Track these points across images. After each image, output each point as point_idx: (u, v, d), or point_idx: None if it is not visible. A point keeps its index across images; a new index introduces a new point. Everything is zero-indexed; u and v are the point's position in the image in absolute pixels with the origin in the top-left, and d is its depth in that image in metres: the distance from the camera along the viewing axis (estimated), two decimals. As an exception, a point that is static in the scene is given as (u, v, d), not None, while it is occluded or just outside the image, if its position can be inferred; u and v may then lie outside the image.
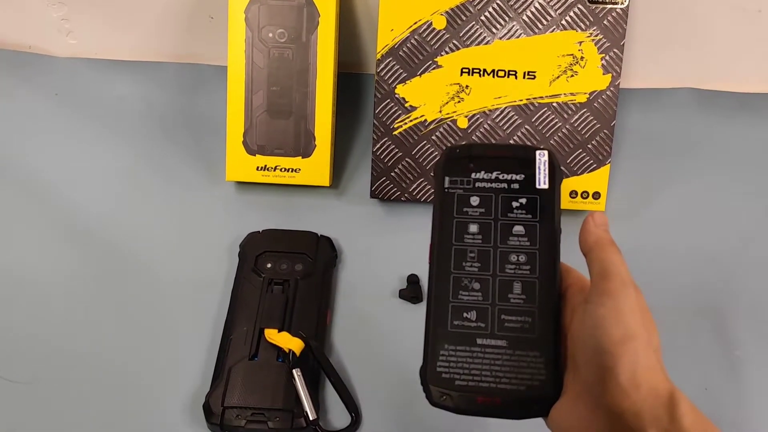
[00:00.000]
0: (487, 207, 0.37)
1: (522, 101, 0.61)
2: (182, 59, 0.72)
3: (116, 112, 0.70)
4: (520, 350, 0.35)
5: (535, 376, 0.34)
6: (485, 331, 0.35)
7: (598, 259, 0.34)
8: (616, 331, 0.31)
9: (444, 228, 0.37)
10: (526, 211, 0.37)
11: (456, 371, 0.35)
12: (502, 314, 0.36)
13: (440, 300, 0.36)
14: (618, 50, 0.60)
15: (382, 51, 0.60)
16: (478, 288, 0.36)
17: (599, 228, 0.35)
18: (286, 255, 0.58)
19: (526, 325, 0.35)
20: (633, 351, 0.31)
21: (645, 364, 0.31)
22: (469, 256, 0.37)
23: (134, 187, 0.65)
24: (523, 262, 0.36)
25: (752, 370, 0.54)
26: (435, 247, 0.37)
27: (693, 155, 0.67)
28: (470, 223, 0.37)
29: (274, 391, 0.51)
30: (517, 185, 0.38)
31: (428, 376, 0.35)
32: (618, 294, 0.32)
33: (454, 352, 0.35)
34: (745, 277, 0.59)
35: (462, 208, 0.38)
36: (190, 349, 0.55)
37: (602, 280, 0.33)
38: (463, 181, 0.38)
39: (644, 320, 0.32)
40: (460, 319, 0.36)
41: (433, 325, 0.36)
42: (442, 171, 0.38)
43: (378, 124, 0.61)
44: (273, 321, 0.54)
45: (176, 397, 0.52)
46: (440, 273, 0.37)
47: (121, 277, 0.59)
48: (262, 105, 0.62)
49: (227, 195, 0.64)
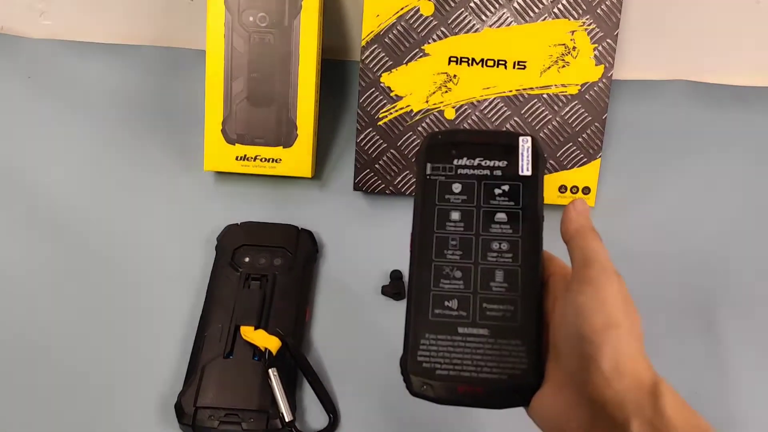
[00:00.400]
0: (470, 194, 0.37)
1: (511, 92, 0.58)
2: (160, 42, 0.70)
3: (91, 97, 0.67)
4: (501, 339, 0.34)
5: (516, 365, 0.34)
6: (467, 319, 0.35)
7: (579, 247, 0.34)
8: (597, 319, 0.31)
9: (425, 215, 0.37)
10: (509, 199, 0.37)
11: (437, 360, 0.34)
12: (483, 303, 0.35)
13: (421, 288, 0.36)
14: (611, 40, 0.57)
15: (367, 38, 0.58)
16: (459, 276, 0.36)
17: (580, 216, 0.35)
18: (265, 249, 0.56)
19: (507, 314, 0.35)
20: (615, 339, 0.30)
21: (627, 352, 0.30)
22: (450, 244, 0.36)
23: (108, 175, 0.62)
24: (506, 250, 0.36)
25: (743, 374, 0.53)
26: (416, 235, 0.37)
27: (686, 149, 0.65)
28: (452, 211, 0.37)
29: (248, 391, 0.49)
30: (500, 172, 0.37)
31: (409, 366, 0.34)
32: (599, 281, 0.32)
33: (435, 341, 0.35)
34: (737, 276, 0.58)
35: (444, 195, 0.37)
36: (164, 346, 0.53)
37: (583, 268, 0.33)
38: (445, 168, 0.37)
39: (626, 308, 0.32)
40: (441, 307, 0.35)
41: (414, 314, 0.35)
42: (424, 157, 0.38)
43: (362, 113, 0.59)
44: (249, 318, 0.52)
45: (148, 396, 0.50)
46: (421, 261, 0.36)
47: (92, 269, 0.57)
48: (242, 92, 0.60)
49: (205, 185, 0.62)
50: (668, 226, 0.60)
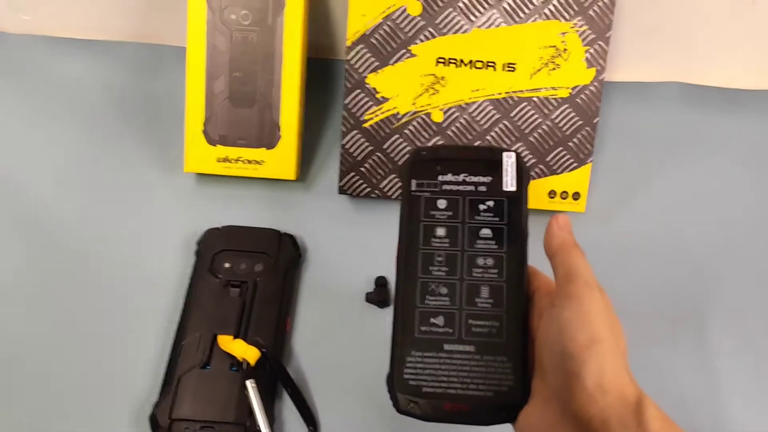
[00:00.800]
0: (455, 210, 0.37)
1: (500, 95, 0.57)
2: (142, 39, 0.68)
3: (70, 95, 0.65)
4: (488, 355, 0.34)
5: (503, 381, 0.34)
6: (453, 336, 0.35)
7: (562, 263, 0.34)
8: (581, 335, 0.31)
9: (411, 232, 0.37)
10: (494, 214, 0.37)
11: (423, 378, 0.34)
12: (469, 319, 0.35)
13: (407, 305, 0.36)
14: (603, 42, 0.56)
15: (352, 37, 0.56)
16: (445, 293, 0.36)
17: (563, 231, 0.35)
18: (246, 254, 0.55)
19: (493, 330, 0.35)
20: (599, 355, 0.30)
21: (611, 368, 0.30)
22: (436, 260, 0.36)
23: (86, 175, 0.61)
24: (491, 266, 0.36)
25: (733, 382, 0.52)
26: (402, 251, 0.37)
27: (679, 153, 0.64)
28: (437, 227, 0.37)
29: (225, 403, 0.47)
30: (485, 188, 0.37)
31: (395, 384, 0.34)
32: (582, 297, 0.32)
33: (421, 359, 0.34)
34: (729, 281, 0.57)
35: (429, 212, 0.37)
36: (140, 354, 0.51)
37: (567, 284, 0.33)
38: (430, 184, 0.38)
39: (610, 323, 0.32)
40: (427, 324, 0.35)
41: (400, 331, 0.35)
42: (409, 173, 0.38)
43: (347, 115, 0.57)
44: (227, 327, 0.50)
45: (122, 407, 0.49)
46: (407, 277, 0.36)
47: (67, 273, 0.55)
48: (224, 92, 0.58)
49: (186, 187, 0.60)
50: (660, 232, 0.59)
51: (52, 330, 0.52)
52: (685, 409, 0.50)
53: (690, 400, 0.51)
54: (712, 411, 0.51)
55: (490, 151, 0.38)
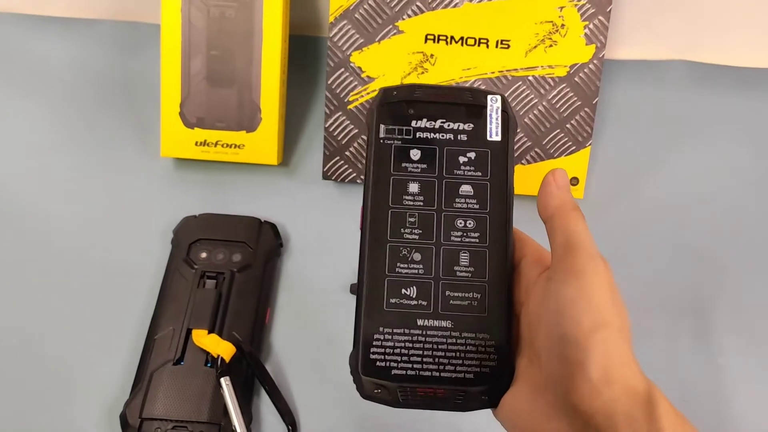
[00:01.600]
0: (430, 162, 0.32)
1: (494, 74, 0.54)
2: (118, 16, 0.64)
3: (42, 75, 0.62)
4: (467, 332, 0.30)
5: (484, 362, 0.30)
6: (427, 310, 0.31)
7: (561, 228, 0.29)
8: (585, 318, 0.27)
9: (379, 187, 0.32)
10: (475, 168, 0.32)
11: (393, 358, 0.30)
12: (446, 290, 0.31)
13: (374, 274, 0.31)
14: (604, 17, 0.52)
15: (335, 13, 0.53)
16: (419, 259, 0.31)
17: (561, 190, 0.31)
18: (224, 243, 0.52)
19: (474, 303, 0.31)
20: (605, 341, 0.26)
21: (619, 356, 0.26)
22: (408, 222, 0.31)
23: (58, 159, 0.58)
24: (471, 229, 0.31)
25: (735, 380, 0.49)
26: (368, 211, 0.32)
27: (684, 136, 0.60)
28: (410, 182, 0.32)
29: (199, 401, 0.45)
30: (465, 136, 0.32)
31: (360, 365, 0.30)
32: (586, 271, 0.28)
33: (390, 336, 0.30)
34: (735, 274, 0.54)
35: (400, 164, 0.32)
36: (112, 349, 0.49)
37: (567, 255, 0.28)
38: (401, 131, 0.32)
39: (615, 301, 0.28)
40: (398, 296, 0.31)
41: (366, 304, 0.30)
42: (377, 117, 0.32)
43: (331, 96, 0.54)
44: (202, 320, 0.48)
45: (92, 405, 0.47)
46: (374, 242, 0.31)
47: (36, 263, 0.52)
48: (201, 72, 0.55)
49: (163, 172, 0.57)
50: (662, 220, 0.56)
51: (20, 322, 0.50)
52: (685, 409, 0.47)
53: (690, 398, 0.48)
54: (714, 410, 0.48)
55: (472, 93, 0.33)
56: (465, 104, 0.33)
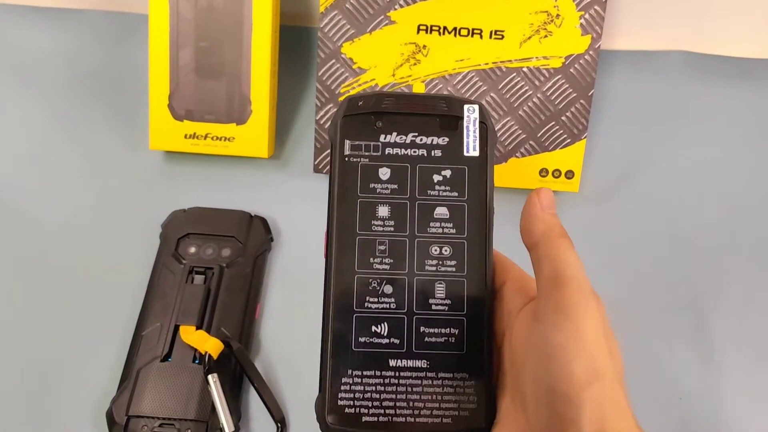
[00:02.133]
0: (401, 182, 0.29)
1: (488, 65, 0.52)
2: (107, 6, 0.63)
3: (29, 66, 0.61)
4: (444, 372, 0.28)
5: (463, 404, 0.28)
6: (400, 348, 0.28)
7: (548, 258, 0.27)
8: (578, 368, 0.24)
9: (345, 211, 0.29)
10: (451, 188, 0.29)
11: (363, 404, 0.28)
12: (421, 326, 0.28)
13: (341, 310, 0.28)
14: (600, 7, 0.51)
15: (325, 3, 0.52)
16: (390, 292, 0.28)
17: (546, 213, 0.28)
18: (213, 238, 0.51)
19: (451, 340, 0.28)
20: (599, 394, 0.24)
21: (613, 407, 0.24)
22: (378, 250, 0.29)
23: (45, 152, 0.57)
24: (448, 256, 0.29)
25: (732, 378, 0.48)
26: (333, 238, 0.29)
27: (683, 129, 0.59)
28: (379, 204, 0.29)
29: (187, 398, 0.44)
30: (440, 152, 0.29)
31: (327, 412, 0.27)
32: (577, 310, 0.25)
33: (359, 379, 0.28)
34: (733, 270, 0.53)
35: (368, 184, 0.29)
36: (99, 345, 0.48)
37: (555, 290, 0.26)
38: (369, 147, 0.29)
39: (609, 343, 0.25)
40: (367, 334, 0.28)
41: (332, 344, 0.28)
42: (341, 131, 0.29)
43: (322, 88, 0.53)
44: (190, 316, 0.47)
45: (78, 402, 0.46)
46: (340, 273, 0.28)
47: (23, 257, 0.52)
48: (190, 63, 0.54)
49: (152, 166, 0.57)
50: (659, 215, 0.55)
51: (5, 317, 0.49)
52: (681, 407, 0.47)
53: (686, 396, 0.47)
54: (710, 409, 0.47)
55: (447, 102, 0.30)
56: (439, 115, 0.30)
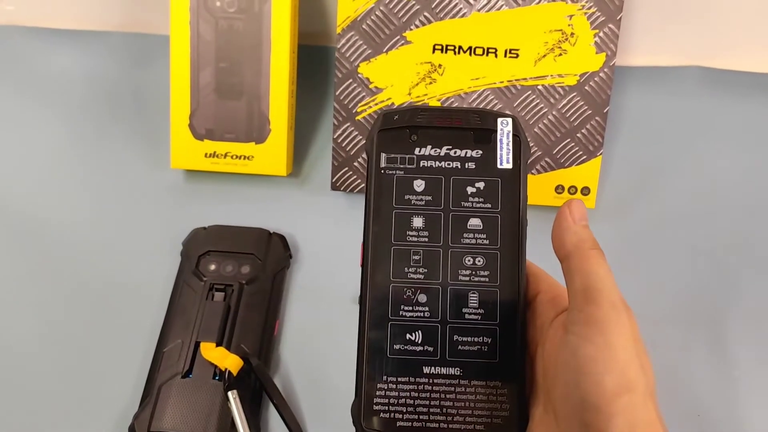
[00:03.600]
0: (436, 194, 0.30)
1: (503, 83, 0.53)
2: (129, 28, 0.65)
3: (54, 87, 0.63)
4: (477, 380, 0.29)
5: (495, 412, 0.28)
6: (434, 356, 0.29)
7: (580, 271, 0.27)
8: (609, 381, 0.24)
9: (380, 222, 0.30)
10: (485, 200, 0.30)
11: (398, 409, 0.28)
12: (454, 335, 0.29)
13: (377, 318, 0.29)
14: (614, 26, 0.52)
15: (342, 24, 0.53)
16: (424, 301, 0.29)
17: (578, 224, 0.28)
18: (233, 255, 0.52)
19: (484, 348, 0.29)
20: (630, 407, 0.24)
21: (644, 420, 0.24)
22: (413, 260, 0.30)
23: (69, 172, 0.58)
24: (481, 267, 0.30)
25: (751, 394, 0.48)
26: (369, 248, 0.30)
27: (699, 145, 0.59)
28: (414, 216, 0.30)
29: (207, 414, 0.45)
30: (473, 164, 0.30)
31: (363, 417, 0.28)
32: (609, 324, 0.25)
33: (394, 385, 0.29)
34: (751, 284, 0.53)
35: (403, 196, 0.30)
36: (121, 362, 0.49)
37: (587, 303, 0.26)
38: (404, 159, 0.30)
39: (641, 358, 0.25)
40: (402, 342, 0.29)
41: (368, 351, 0.29)
42: (377, 145, 0.30)
43: (339, 107, 0.54)
44: (210, 333, 0.48)
45: (101, 418, 0.47)
46: (376, 282, 0.30)
47: (47, 275, 0.53)
48: (210, 83, 0.55)
49: (173, 184, 0.58)
50: (675, 231, 0.55)
51: (30, 336, 0.50)
52: (699, 423, 0.47)
53: (704, 412, 0.47)
54: (730, 426, 0.47)
55: (480, 115, 0.31)
56: (473, 128, 0.30)
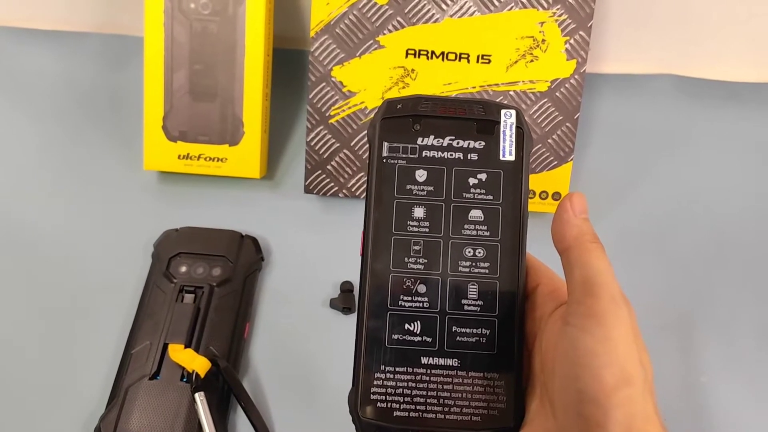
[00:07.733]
0: (437, 184, 0.30)
1: (475, 88, 0.53)
2: (106, 29, 0.65)
3: (30, 88, 0.62)
4: (475, 371, 0.29)
5: (492, 403, 0.28)
6: (432, 347, 0.29)
7: (579, 263, 0.27)
8: (608, 374, 0.24)
9: (381, 211, 0.29)
10: (486, 191, 0.30)
11: (395, 399, 0.28)
12: (453, 326, 0.29)
13: (376, 307, 0.29)
14: (584, 33, 0.52)
15: (316, 27, 0.53)
16: (423, 291, 0.29)
17: (578, 217, 0.28)
18: (204, 257, 0.52)
19: (483, 340, 0.29)
20: (628, 400, 0.24)
21: (642, 415, 0.24)
22: (413, 250, 0.29)
23: (41, 172, 0.58)
24: (481, 258, 0.29)
25: (718, 399, 0.48)
26: (369, 237, 0.29)
27: (670, 151, 0.60)
28: (415, 206, 0.30)
29: (174, 416, 0.45)
30: (476, 155, 0.30)
31: (360, 406, 0.28)
32: (608, 317, 0.25)
33: (392, 375, 0.28)
34: (721, 291, 0.53)
35: (405, 185, 0.30)
36: (90, 363, 0.49)
37: (586, 296, 0.26)
38: (406, 149, 0.30)
39: (639, 351, 0.25)
40: (400, 332, 0.29)
41: (365, 340, 0.29)
42: (379, 133, 0.30)
43: (312, 110, 0.54)
44: (179, 335, 0.48)
45: (67, 419, 0.46)
46: (375, 271, 0.29)
47: (16, 274, 0.53)
48: (184, 86, 0.55)
49: (146, 185, 0.58)
50: (646, 237, 0.56)
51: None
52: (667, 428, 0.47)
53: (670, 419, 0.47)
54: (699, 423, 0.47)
55: (484, 106, 0.30)
56: (476, 119, 0.30)
